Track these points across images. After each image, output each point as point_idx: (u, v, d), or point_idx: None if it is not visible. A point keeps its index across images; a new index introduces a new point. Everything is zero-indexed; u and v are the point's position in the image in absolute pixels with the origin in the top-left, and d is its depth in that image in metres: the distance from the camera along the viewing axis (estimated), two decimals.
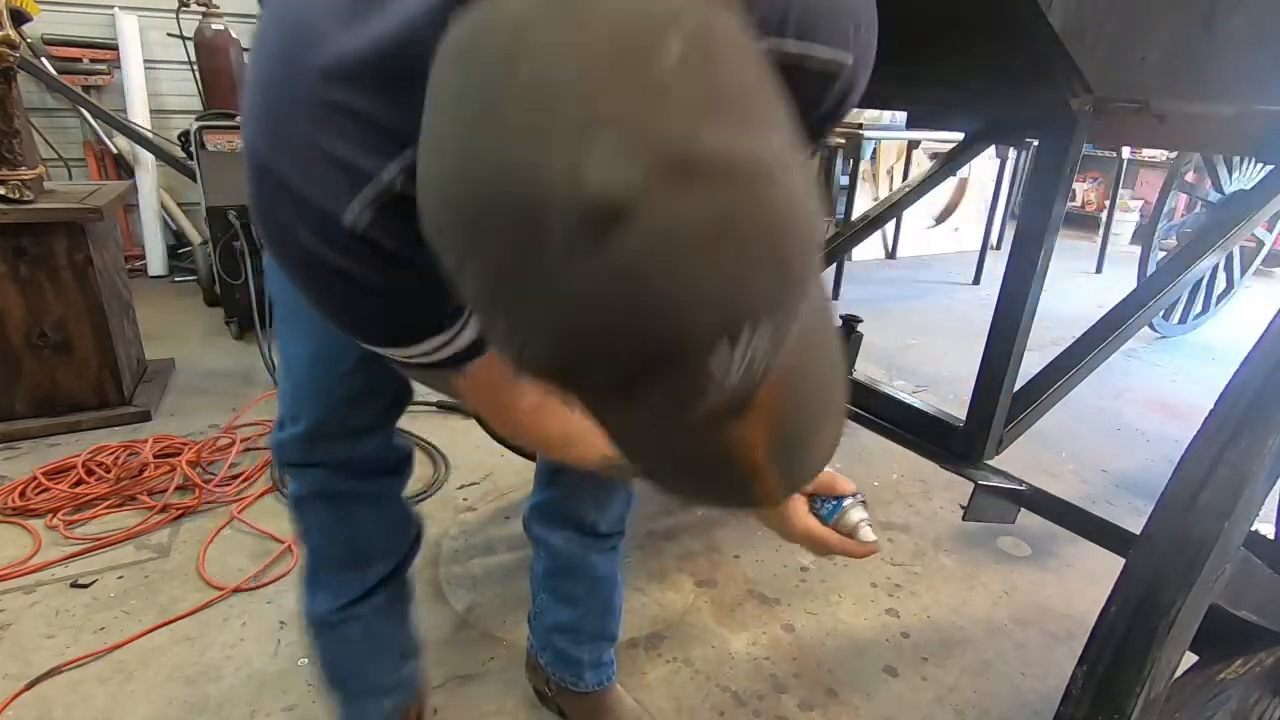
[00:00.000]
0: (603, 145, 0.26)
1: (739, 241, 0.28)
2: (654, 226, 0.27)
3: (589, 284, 0.28)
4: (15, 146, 1.95)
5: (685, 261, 0.28)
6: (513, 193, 0.28)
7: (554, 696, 1.25)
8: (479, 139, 0.30)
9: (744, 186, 0.28)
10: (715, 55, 0.29)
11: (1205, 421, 0.64)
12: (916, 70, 1.02)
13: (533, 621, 1.24)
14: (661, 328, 0.29)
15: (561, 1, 0.29)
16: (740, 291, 0.29)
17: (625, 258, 0.27)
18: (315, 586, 1.02)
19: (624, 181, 0.26)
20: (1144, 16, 0.83)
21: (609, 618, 1.19)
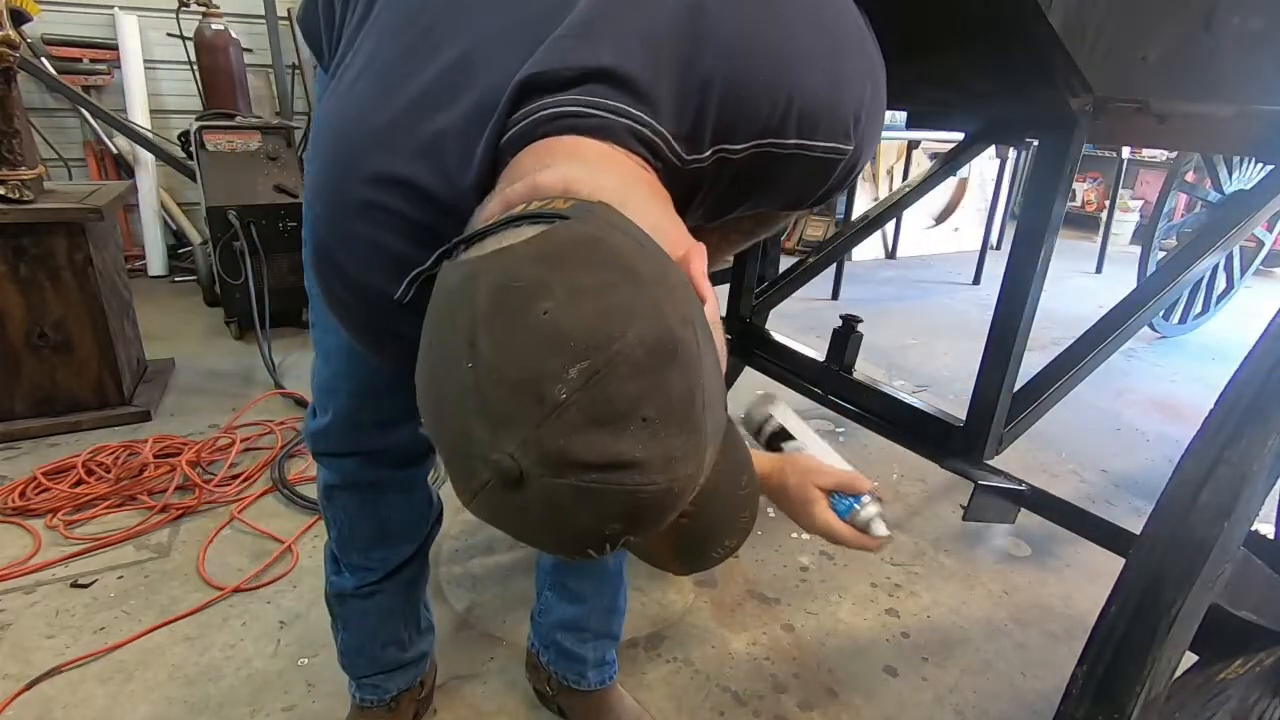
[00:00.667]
0: (508, 439, 0.40)
1: (594, 506, 0.41)
2: (539, 492, 0.41)
3: (503, 511, 0.44)
4: (15, 146, 1.95)
5: (560, 512, 0.42)
6: (454, 442, 0.43)
7: (555, 696, 1.26)
8: (437, 391, 0.44)
9: (601, 476, 0.40)
10: (605, 384, 0.39)
11: (1205, 421, 0.64)
12: (916, 70, 1.02)
13: (536, 619, 1.24)
14: (548, 542, 0.46)
15: (509, 311, 0.41)
16: (598, 530, 0.43)
17: (523, 503, 0.42)
18: (341, 565, 1.06)
19: (520, 465, 0.40)
20: (1144, 16, 0.83)
21: (614, 616, 1.20)
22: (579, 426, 0.39)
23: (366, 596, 1.07)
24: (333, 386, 0.93)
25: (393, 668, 1.16)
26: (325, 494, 1.02)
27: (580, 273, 0.41)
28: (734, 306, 1.65)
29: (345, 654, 1.15)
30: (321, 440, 0.97)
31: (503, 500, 0.42)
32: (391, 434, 0.96)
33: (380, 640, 1.13)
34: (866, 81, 0.62)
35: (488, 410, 0.41)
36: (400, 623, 1.13)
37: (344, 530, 1.04)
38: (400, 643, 1.14)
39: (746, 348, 1.60)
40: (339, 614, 1.11)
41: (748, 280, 1.62)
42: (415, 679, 1.20)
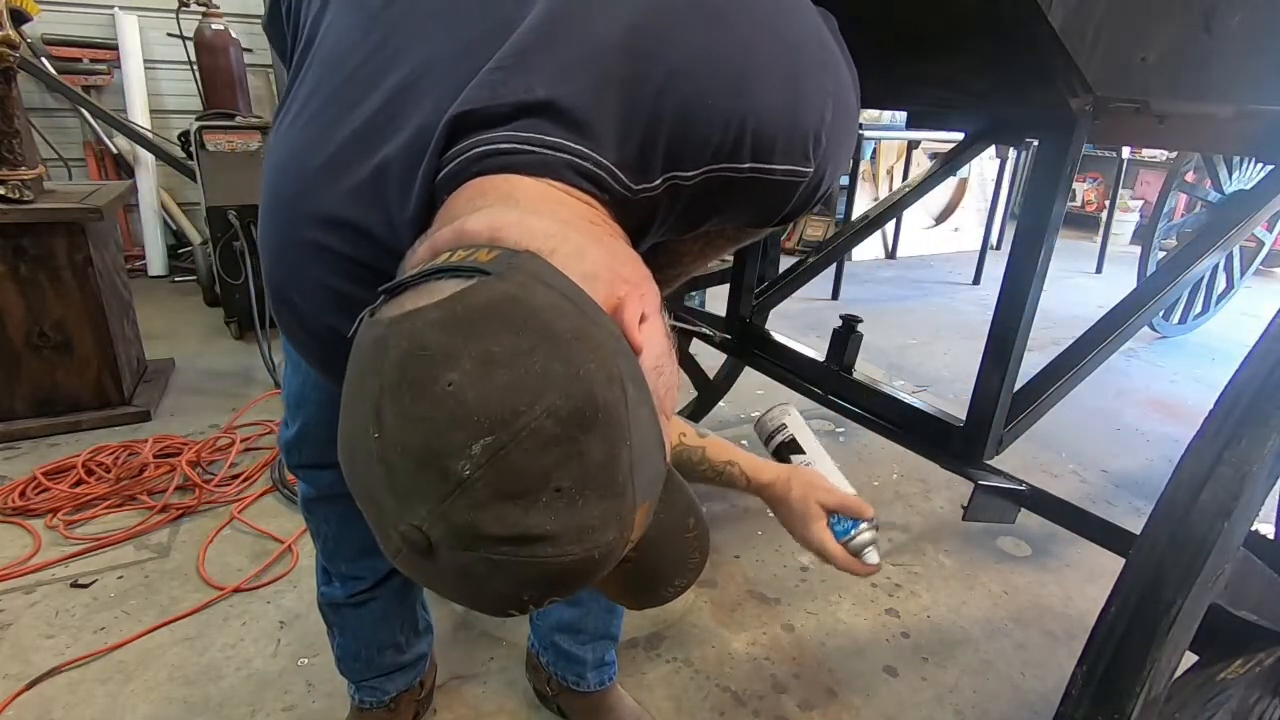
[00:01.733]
0: (415, 512, 0.40)
1: (508, 577, 0.41)
2: (449, 563, 0.41)
3: (419, 573, 0.43)
4: (15, 146, 1.95)
5: (474, 580, 0.42)
6: (368, 506, 0.43)
7: (555, 696, 1.26)
8: (349, 455, 0.44)
9: (511, 548, 0.40)
10: (512, 459, 0.38)
11: (1205, 421, 0.64)
12: (917, 70, 1.02)
13: (535, 620, 1.24)
14: (467, 603, 0.46)
15: (415, 383, 0.40)
16: (515, 597, 0.43)
17: (435, 570, 0.42)
18: (331, 576, 1.06)
19: (430, 537, 0.40)
20: (1144, 17, 0.83)
21: (612, 617, 1.20)
22: (485, 502, 0.38)
23: (359, 605, 1.07)
24: (303, 396, 0.93)
25: (391, 670, 1.16)
26: (305, 506, 1.01)
27: (491, 339, 0.39)
28: (734, 306, 1.65)
29: (342, 659, 1.15)
30: (295, 452, 0.96)
31: (418, 565, 0.42)
32: None
33: (376, 645, 1.13)
34: (829, 99, 0.58)
35: (392, 482, 0.40)
36: (396, 626, 1.13)
37: (329, 542, 1.03)
38: (397, 645, 1.14)
39: (746, 348, 1.60)
40: (333, 621, 1.11)
41: (748, 280, 1.62)
42: (414, 680, 1.20)
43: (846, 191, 4.27)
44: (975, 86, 0.98)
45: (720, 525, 1.86)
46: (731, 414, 2.49)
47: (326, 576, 1.07)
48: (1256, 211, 1.24)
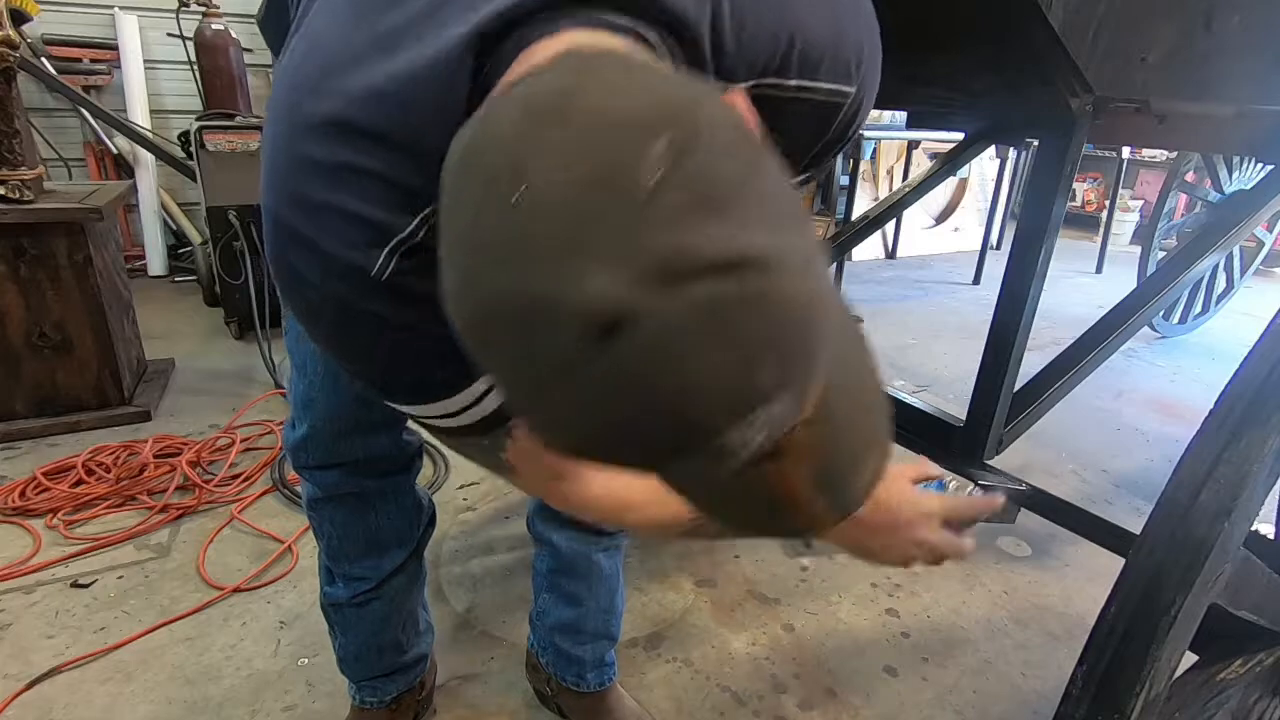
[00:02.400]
0: (593, 262, 0.28)
1: (733, 335, 0.29)
2: (649, 332, 0.28)
3: (599, 389, 0.30)
4: (15, 146, 1.95)
5: (685, 360, 0.29)
6: (516, 314, 0.30)
7: (555, 696, 1.26)
8: (478, 262, 0.32)
9: (732, 282, 0.29)
10: (701, 157, 0.30)
11: (1205, 421, 0.64)
12: (916, 70, 1.02)
13: (534, 621, 1.24)
14: (672, 421, 0.31)
15: (548, 114, 0.31)
16: (743, 380, 0.31)
17: (629, 363, 0.29)
18: (334, 576, 1.06)
19: (615, 295, 0.28)
20: (1144, 16, 0.83)
21: (611, 617, 1.19)
22: (683, 212, 0.29)
23: (362, 605, 1.06)
24: (309, 398, 0.91)
25: (391, 671, 1.16)
26: (311, 506, 1.00)
27: (614, 73, 0.34)
28: None
29: (344, 659, 1.15)
30: (302, 453, 0.95)
31: (600, 380, 0.30)
32: (373, 441, 0.94)
33: (378, 645, 1.12)
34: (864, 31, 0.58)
35: (552, 242, 0.29)
36: (398, 627, 1.13)
37: (333, 542, 1.02)
38: (398, 646, 1.14)
39: None
40: (335, 621, 1.10)
41: None
42: (415, 680, 1.20)
43: (846, 191, 4.27)
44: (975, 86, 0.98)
45: None
46: None
47: (330, 577, 1.07)
48: (1256, 211, 1.24)
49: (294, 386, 0.93)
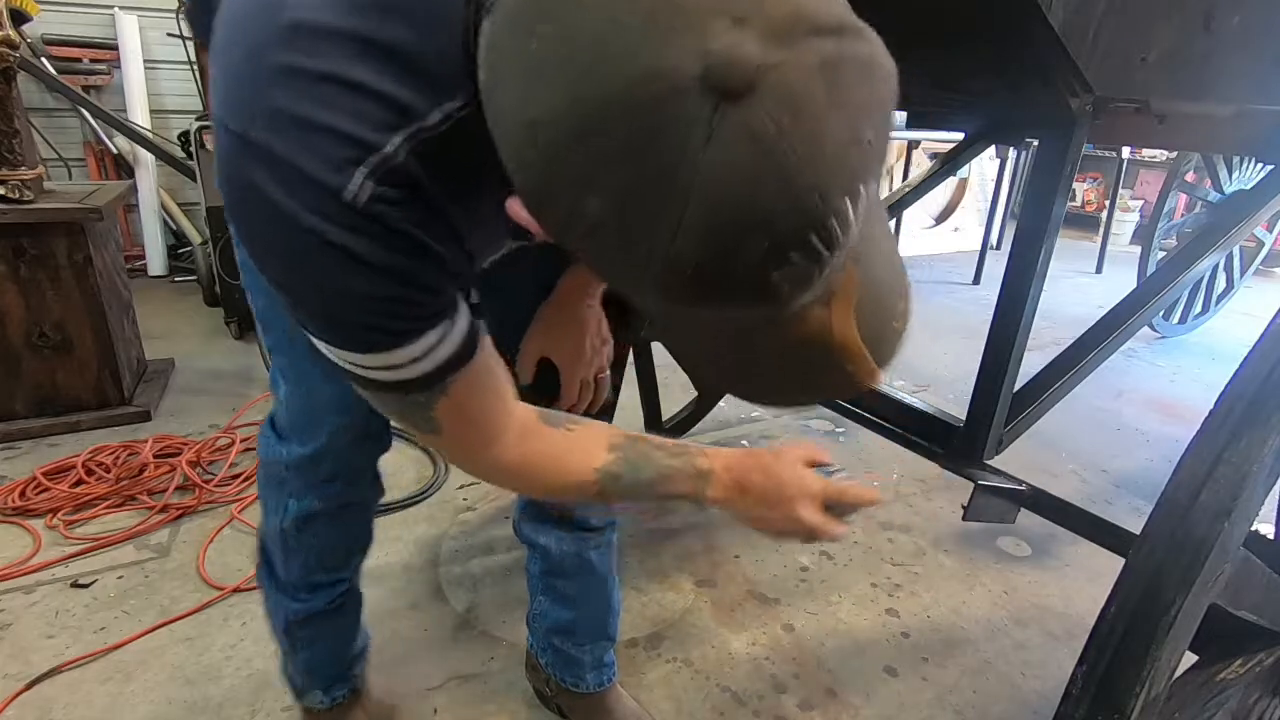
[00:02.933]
0: (721, 28, 0.31)
1: (849, 91, 0.34)
2: (781, 86, 0.32)
3: (735, 154, 0.32)
4: (15, 146, 1.95)
5: (814, 116, 0.33)
6: (649, 87, 0.32)
7: (554, 697, 1.26)
8: (599, 48, 0.33)
9: (845, 42, 0.34)
10: None
11: (1205, 421, 0.64)
12: (916, 70, 1.02)
13: (531, 623, 1.23)
14: (805, 184, 0.34)
15: None
16: (857, 145, 0.34)
17: (763, 122, 0.32)
18: (304, 589, 1.01)
19: (747, 53, 0.31)
20: (1144, 16, 0.83)
21: (608, 617, 1.18)
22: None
23: (337, 608, 1.04)
24: (314, 416, 0.86)
25: (359, 655, 1.15)
26: (300, 525, 0.93)
27: None
28: None
29: (312, 670, 1.10)
30: (310, 470, 0.89)
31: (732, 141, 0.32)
32: (377, 447, 0.92)
33: (348, 638, 1.12)
34: None
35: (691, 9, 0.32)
36: (355, 632, 1.12)
37: (310, 558, 0.97)
38: (357, 632, 1.14)
39: None
40: (305, 636, 1.05)
41: None
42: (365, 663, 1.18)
43: None
44: (975, 86, 0.98)
45: (720, 525, 1.86)
46: (732, 414, 2.49)
47: (295, 593, 1.01)
48: (1256, 211, 1.24)
49: (287, 402, 0.87)
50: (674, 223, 0.34)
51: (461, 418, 0.63)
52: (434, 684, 1.33)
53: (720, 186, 0.33)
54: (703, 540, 1.80)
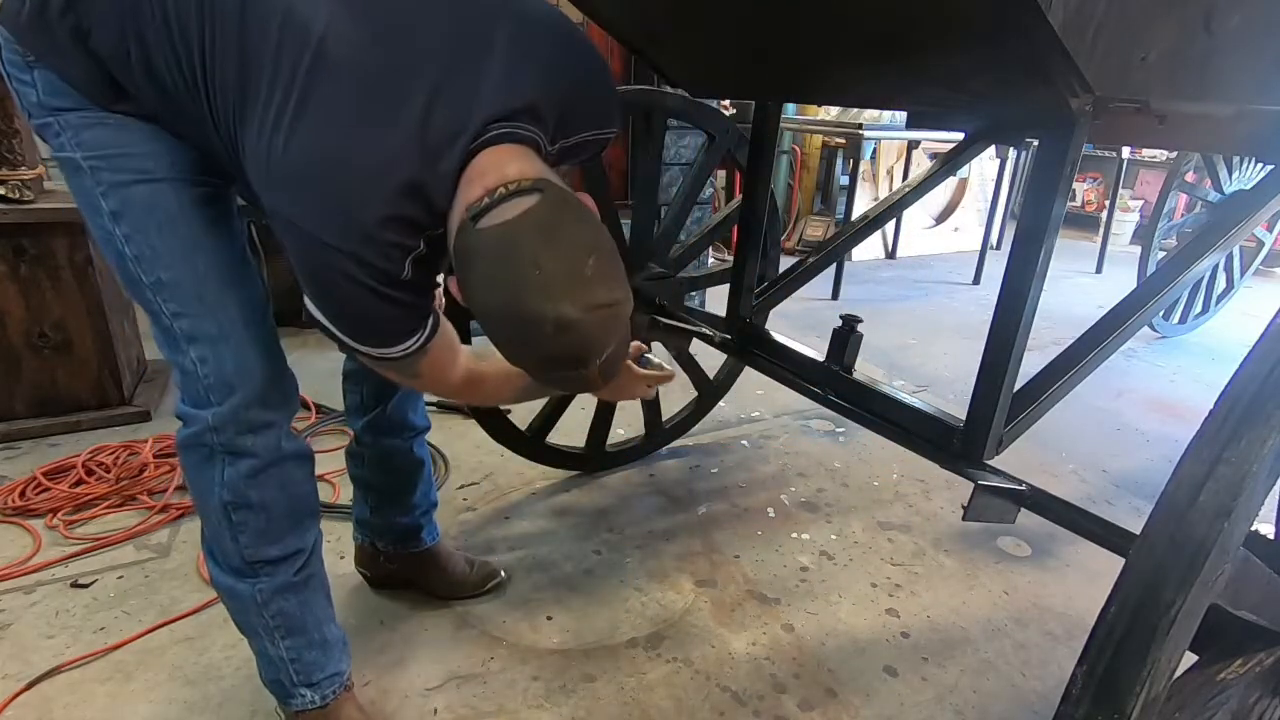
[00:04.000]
0: (565, 302, 0.77)
1: (610, 328, 0.82)
2: (584, 329, 0.79)
3: (557, 346, 0.79)
4: (15, 146, 1.95)
5: (594, 338, 0.81)
6: (529, 318, 0.78)
7: (398, 569, 1.52)
8: (510, 293, 0.78)
9: (615, 309, 0.82)
10: (604, 261, 0.81)
11: (1205, 421, 0.64)
12: (917, 70, 1.02)
13: (366, 517, 1.47)
14: (586, 356, 0.82)
15: (552, 241, 0.78)
16: (607, 343, 0.83)
17: (574, 339, 0.79)
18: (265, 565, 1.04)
19: (574, 315, 0.77)
20: (1144, 16, 0.83)
21: (431, 489, 1.50)
22: (597, 284, 0.79)
23: (304, 581, 1.08)
24: (241, 360, 0.94)
25: (339, 646, 1.17)
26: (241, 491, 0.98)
27: (572, 212, 0.81)
28: (734, 306, 1.65)
29: (296, 660, 1.11)
30: (235, 422, 0.95)
31: (559, 344, 0.78)
32: (296, 396, 1.04)
33: (323, 620, 1.13)
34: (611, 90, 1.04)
35: (549, 293, 0.76)
36: (328, 594, 1.16)
37: (264, 522, 1.01)
38: (331, 616, 1.16)
39: (746, 348, 1.60)
40: (278, 620, 1.07)
41: (747, 280, 1.62)
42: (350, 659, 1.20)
43: (846, 191, 4.27)
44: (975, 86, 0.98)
45: (720, 525, 1.87)
46: (731, 414, 2.49)
47: (256, 570, 1.04)
48: (1256, 211, 1.24)
49: (209, 361, 0.93)
50: (534, 358, 0.85)
51: (434, 365, 0.99)
52: (434, 684, 1.33)
53: (550, 354, 0.81)
54: (703, 540, 1.80)
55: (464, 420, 2.31)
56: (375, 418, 1.36)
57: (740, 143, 1.84)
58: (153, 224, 0.89)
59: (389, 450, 1.39)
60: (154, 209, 0.89)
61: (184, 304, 0.92)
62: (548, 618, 1.51)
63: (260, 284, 0.99)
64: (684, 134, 3.20)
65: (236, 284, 0.94)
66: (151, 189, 0.88)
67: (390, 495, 1.44)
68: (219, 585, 1.06)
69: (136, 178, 0.88)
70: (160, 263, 0.90)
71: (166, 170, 0.89)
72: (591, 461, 2.06)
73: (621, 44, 1.48)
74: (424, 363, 0.95)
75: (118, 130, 0.87)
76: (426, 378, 1.01)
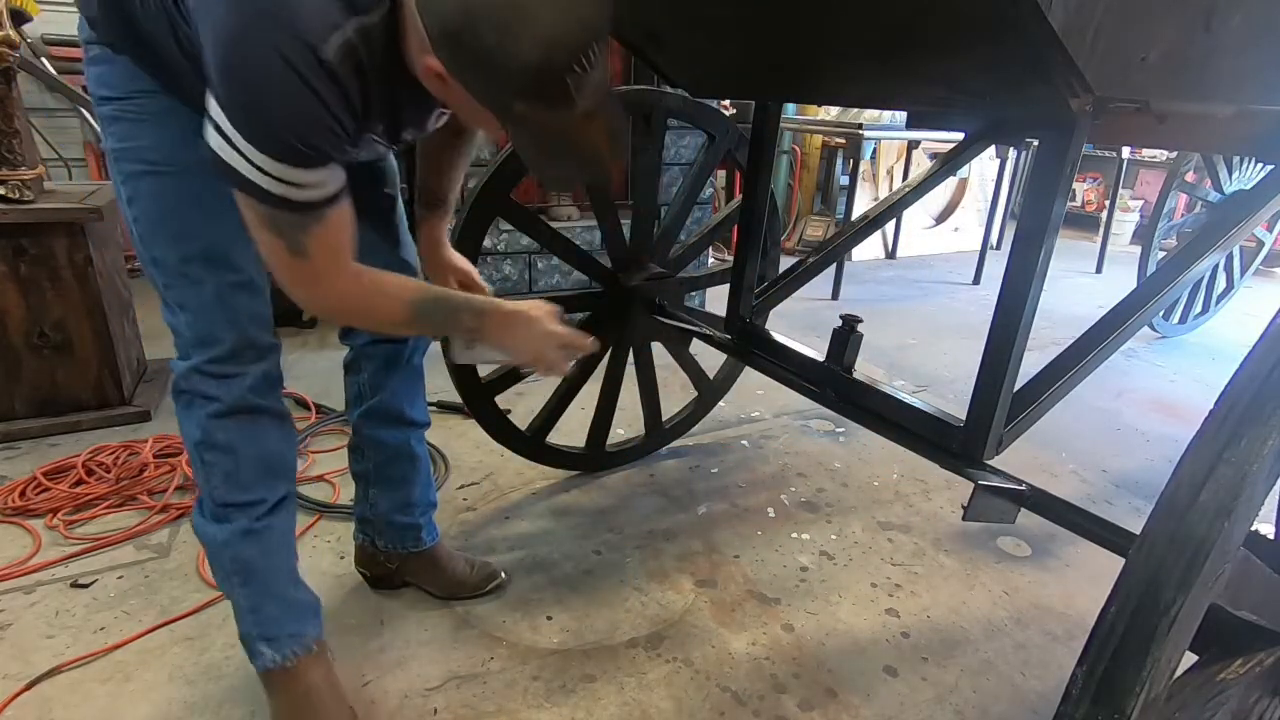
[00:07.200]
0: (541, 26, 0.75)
1: (602, 52, 0.80)
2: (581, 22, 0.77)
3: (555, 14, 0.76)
4: (15, 146, 1.95)
5: (586, 40, 0.77)
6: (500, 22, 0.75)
7: (398, 569, 1.53)
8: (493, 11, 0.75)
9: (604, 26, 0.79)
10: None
11: (1205, 421, 0.64)
12: (917, 70, 1.02)
13: (367, 515, 1.49)
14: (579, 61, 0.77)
15: None
16: (599, 67, 0.80)
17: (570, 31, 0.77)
18: (230, 510, 1.11)
19: None
20: (1144, 17, 0.83)
21: (430, 489, 1.51)
22: None
23: (264, 529, 1.12)
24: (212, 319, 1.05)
25: (303, 609, 1.20)
26: (212, 430, 1.07)
27: None
28: (734, 307, 1.65)
29: (256, 610, 1.15)
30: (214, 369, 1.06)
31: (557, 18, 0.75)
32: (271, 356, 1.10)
33: (284, 575, 1.18)
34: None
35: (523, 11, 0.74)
36: (293, 555, 1.20)
37: (230, 470, 1.08)
38: (296, 579, 1.21)
39: (746, 348, 1.60)
40: (237, 564, 1.13)
41: (747, 280, 1.62)
42: (320, 625, 1.24)
43: (846, 191, 4.27)
44: (975, 86, 0.98)
45: (720, 525, 1.86)
46: (731, 414, 2.49)
47: (224, 513, 1.10)
48: (1256, 211, 1.24)
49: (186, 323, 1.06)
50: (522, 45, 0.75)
51: (325, 246, 0.90)
52: (434, 684, 1.33)
53: (549, 27, 0.75)
54: (703, 540, 1.80)
55: (464, 420, 2.31)
56: (373, 406, 1.38)
57: (740, 143, 1.84)
58: (155, 211, 1.01)
59: (386, 443, 1.41)
60: (156, 198, 1.00)
61: (171, 279, 1.04)
62: (548, 618, 1.51)
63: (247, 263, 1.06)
64: (684, 134, 3.20)
65: (219, 267, 1.04)
66: (156, 180, 1.00)
67: (389, 492, 1.46)
68: (197, 529, 1.15)
69: (145, 169, 0.99)
70: (158, 244, 1.03)
71: (169, 163, 0.99)
72: (591, 461, 2.06)
73: (621, 44, 1.48)
74: (318, 233, 0.89)
75: (133, 124, 0.98)
76: (316, 262, 0.91)
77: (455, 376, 1.67)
